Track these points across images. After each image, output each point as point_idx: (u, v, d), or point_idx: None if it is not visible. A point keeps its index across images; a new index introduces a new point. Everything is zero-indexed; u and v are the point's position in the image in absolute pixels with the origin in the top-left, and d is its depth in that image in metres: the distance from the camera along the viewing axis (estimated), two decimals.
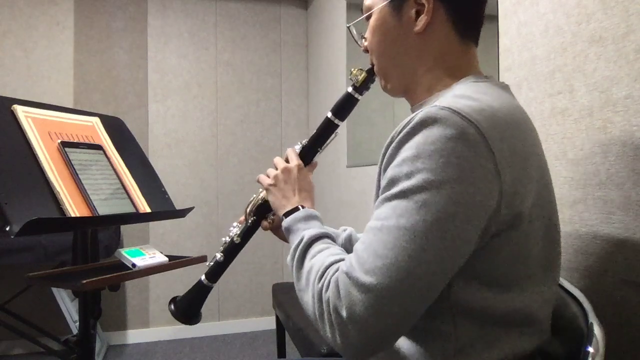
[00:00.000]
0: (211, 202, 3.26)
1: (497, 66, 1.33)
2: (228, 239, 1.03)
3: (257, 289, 3.32)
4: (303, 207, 0.87)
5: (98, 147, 1.34)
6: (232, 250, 1.02)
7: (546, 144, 1.14)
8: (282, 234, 0.99)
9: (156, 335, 3.13)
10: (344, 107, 0.94)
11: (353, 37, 0.92)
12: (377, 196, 0.69)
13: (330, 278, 0.66)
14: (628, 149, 0.90)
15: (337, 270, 0.66)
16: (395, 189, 0.62)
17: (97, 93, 3.06)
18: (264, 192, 0.97)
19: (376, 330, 0.61)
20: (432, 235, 0.59)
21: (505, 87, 0.76)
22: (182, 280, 3.18)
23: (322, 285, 0.66)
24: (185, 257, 1.35)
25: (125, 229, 3.01)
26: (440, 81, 0.77)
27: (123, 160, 1.41)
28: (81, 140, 1.31)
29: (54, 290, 2.59)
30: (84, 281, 1.02)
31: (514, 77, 1.26)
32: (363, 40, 0.86)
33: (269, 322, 3.17)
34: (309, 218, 0.83)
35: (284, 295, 2.11)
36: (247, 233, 1.01)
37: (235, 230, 1.03)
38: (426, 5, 0.74)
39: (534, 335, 0.70)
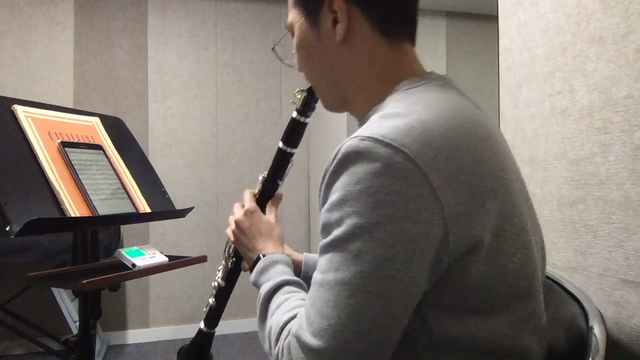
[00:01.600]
0: (211, 202, 3.26)
1: (497, 66, 1.33)
2: (215, 285, 1.02)
3: (257, 289, 3.32)
4: (264, 255, 0.83)
5: (98, 147, 1.34)
6: (222, 294, 1.01)
7: (546, 144, 1.14)
8: None
9: (156, 335, 3.13)
10: (293, 133, 0.89)
11: (279, 58, 0.89)
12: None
13: (283, 343, 0.62)
14: (628, 149, 0.90)
15: (289, 332, 0.62)
16: (329, 239, 0.58)
17: (97, 93, 3.06)
18: None
19: None
20: (372, 286, 0.54)
21: (446, 85, 0.69)
22: (182, 280, 3.18)
23: (279, 351, 0.63)
24: (185, 257, 1.35)
25: (125, 229, 3.01)
26: (373, 91, 0.70)
27: (123, 160, 1.41)
28: (81, 140, 1.31)
29: (54, 290, 2.59)
30: (84, 281, 1.02)
31: (514, 77, 1.26)
32: (290, 61, 0.83)
33: None
34: (268, 267, 0.80)
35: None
36: (229, 275, 1.00)
37: (220, 273, 1.02)
38: (339, 12, 0.68)
39: (527, 357, 0.63)
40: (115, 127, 1.49)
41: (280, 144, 0.91)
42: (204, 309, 1.04)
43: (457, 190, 0.56)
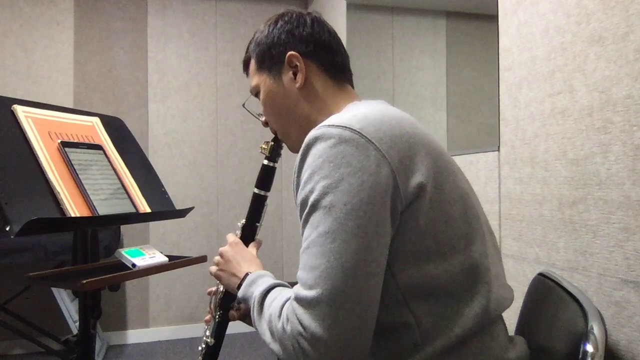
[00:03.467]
0: (211, 202, 3.26)
1: (497, 66, 1.33)
2: (203, 345, 1.03)
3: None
4: (250, 272, 0.88)
5: (98, 147, 1.34)
6: (210, 355, 1.03)
7: (546, 144, 1.14)
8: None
9: (156, 335, 3.13)
10: (266, 178, 1.05)
11: (251, 114, 1.07)
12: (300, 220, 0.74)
13: (287, 312, 0.68)
14: (628, 149, 0.90)
15: (290, 303, 0.69)
16: (307, 208, 0.69)
17: (97, 93, 3.06)
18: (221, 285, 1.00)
19: (343, 339, 0.63)
20: (348, 227, 0.65)
21: (383, 102, 0.86)
22: (182, 280, 3.18)
23: (282, 322, 0.68)
24: (185, 257, 1.35)
25: (125, 229, 3.01)
26: (328, 116, 0.84)
27: (123, 160, 1.41)
28: (81, 140, 1.31)
29: (54, 290, 2.59)
30: (84, 281, 1.02)
31: (514, 77, 1.26)
32: (261, 116, 1.02)
33: None
34: (256, 279, 0.85)
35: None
36: (218, 330, 1.02)
37: (207, 332, 1.03)
38: (299, 65, 0.89)
39: (485, 290, 0.74)
40: (115, 127, 1.49)
41: (256, 190, 1.05)
42: None
43: (397, 150, 0.70)
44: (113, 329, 3.06)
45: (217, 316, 1.02)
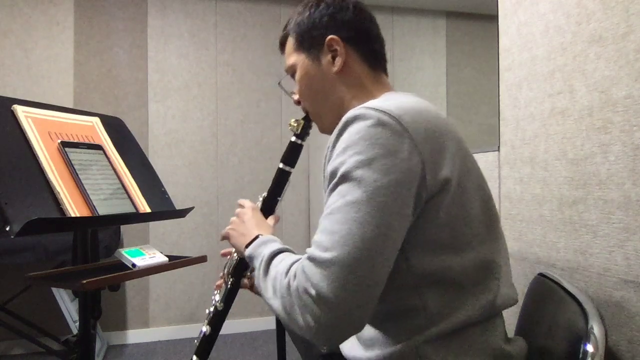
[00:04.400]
0: (211, 202, 3.26)
1: (497, 66, 1.33)
2: (212, 309, 1.04)
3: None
4: (262, 235, 0.90)
5: (98, 147, 1.34)
6: (217, 319, 1.04)
7: (546, 144, 1.14)
8: None
9: (156, 335, 3.13)
10: (292, 154, 1.06)
11: (285, 92, 1.07)
12: (325, 189, 0.77)
13: (296, 270, 0.70)
14: (628, 149, 0.90)
15: (300, 262, 0.71)
16: (336, 178, 0.72)
17: (97, 93, 3.06)
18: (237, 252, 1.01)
19: (346, 304, 0.65)
20: (375, 202, 0.67)
21: (416, 95, 0.87)
22: (182, 280, 3.18)
23: (289, 278, 0.70)
24: (185, 257, 1.35)
25: (125, 229, 3.01)
26: (363, 103, 0.87)
27: (123, 160, 1.41)
28: (81, 140, 1.31)
29: (54, 290, 2.59)
30: (84, 281, 1.02)
31: (514, 77, 1.26)
32: (294, 94, 1.02)
33: (269, 322, 3.17)
34: (267, 241, 0.86)
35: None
36: (229, 296, 1.03)
37: (216, 297, 1.05)
38: (338, 49, 0.91)
39: (493, 286, 0.78)
40: (115, 127, 1.49)
41: (280, 165, 1.06)
42: (196, 340, 1.05)
43: (429, 144, 0.73)
44: (113, 329, 3.06)
45: (229, 282, 1.04)
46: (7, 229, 0.98)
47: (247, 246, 0.89)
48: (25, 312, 2.65)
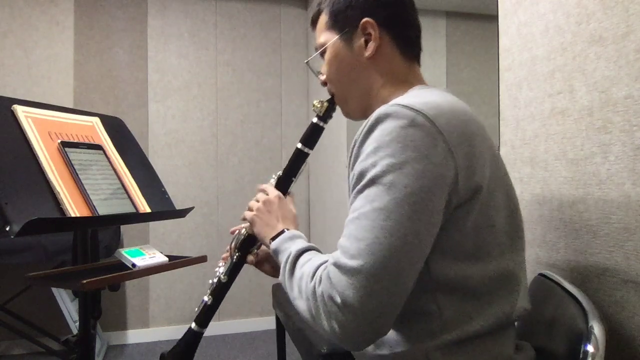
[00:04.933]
0: (211, 202, 3.26)
1: (497, 66, 1.33)
2: (215, 280, 1.04)
3: (257, 289, 3.32)
4: (288, 229, 0.90)
5: (98, 147, 1.34)
6: (220, 290, 1.04)
7: (546, 144, 1.14)
8: (267, 268, 1.06)
9: (156, 335, 3.13)
10: (312, 136, 1.01)
11: (312, 71, 1.02)
12: (350, 195, 0.75)
13: (321, 274, 0.70)
14: (628, 149, 0.90)
15: (326, 267, 0.70)
16: (364, 180, 0.69)
17: (97, 93, 3.06)
18: (247, 227, 1.01)
19: (371, 312, 0.64)
20: (404, 210, 0.65)
21: (448, 92, 0.85)
22: (182, 280, 3.18)
23: (315, 283, 0.70)
24: (185, 257, 1.35)
25: (125, 229, 3.01)
26: (393, 94, 0.86)
27: (123, 160, 1.41)
28: (81, 140, 1.31)
29: (54, 290, 2.59)
30: (84, 281, 1.02)
31: (514, 77, 1.26)
32: (321, 74, 0.97)
33: (269, 322, 3.17)
34: (294, 237, 0.86)
35: (284, 295, 2.11)
36: (233, 270, 1.03)
37: (221, 269, 1.05)
38: (373, 34, 0.86)
39: (511, 298, 0.76)
40: (115, 127, 1.49)
41: (299, 145, 1.01)
42: (197, 309, 1.06)
43: (463, 147, 0.70)
44: (113, 329, 3.06)
45: (235, 257, 1.04)
46: (7, 229, 0.98)
47: (272, 239, 0.89)
48: (25, 312, 2.65)
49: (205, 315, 1.05)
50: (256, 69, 3.36)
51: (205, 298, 1.04)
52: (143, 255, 1.23)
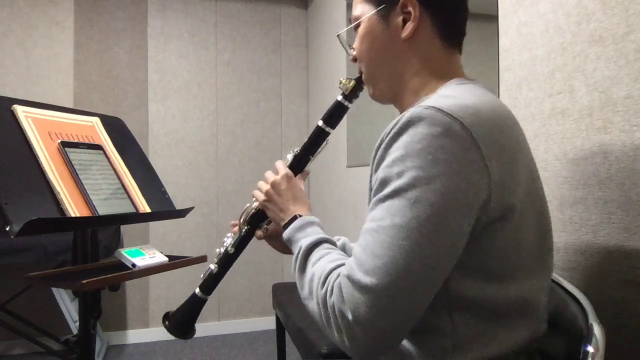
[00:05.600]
0: (211, 202, 3.26)
1: (497, 66, 1.33)
2: (222, 250, 1.04)
3: (257, 289, 3.32)
4: (300, 215, 0.87)
5: (98, 147, 1.34)
6: (226, 261, 1.03)
7: (546, 144, 1.14)
8: (276, 244, 1.03)
9: (156, 335, 3.13)
10: (335, 115, 0.95)
11: (342, 45, 0.96)
12: (370, 197, 0.70)
13: (333, 283, 0.67)
14: (628, 149, 0.90)
15: (338, 275, 0.67)
16: (387, 190, 0.64)
17: (97, 93, 3.06)
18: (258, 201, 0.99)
19: (382, 330, 0.62)
20: (427, 230, 0.60)
21: (487, 88, 0.78)
22: (182, 280, 3.18)
23: (326, 292, 0.67)
24: (185, 257, 1.35)
25: (125, 229, 3.01)
26: (426, 84, 0.80)
27: (123, 160, 1.41)
28: (81, 140, 1.31)
29: (54, 290, 2.59)
30: (84, 281, 1.02)
31: (514, 77, 1.26)
32: (352, 50, 0.89)
33: (269, 322, 3.17)
34: (305, 226, 0.84)
35: (284, 295, 2.11)
36: (241, 243, 1.02)
37: (229, 240, 1.03)
38: (412, 13, 0.77)
39: (531, 324, 0.71)
40: (115, 127, 1.49)
41: (320, 123, 0.96)
42: (202, 275, 1.06)
43: (500, 163, 0.64)
44: (113, 329, 3.06)
45: (243, 230, 1.01)
46: (7, 229, 0.98)
47: (284, 226, 0.87)
48: (25, 312, 2.65)
49: (210, 283, 1.04)
50: (256, 69, 3.36)
51: (212, 266, 1.03)
52: (143, 255, 1.23)
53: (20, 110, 1.18)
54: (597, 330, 0.72)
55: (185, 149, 3.22)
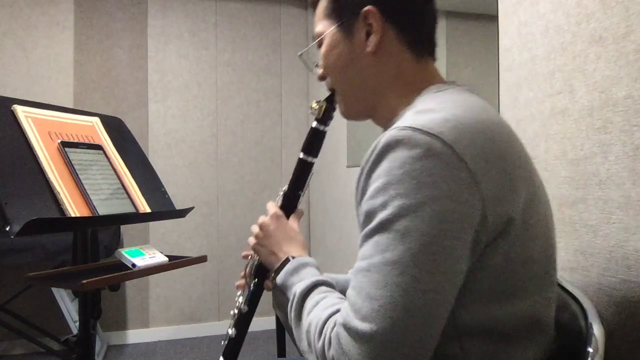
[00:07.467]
0: (211, 202, 3.26)
1: (497, 66, 1.33)
2: (236, 311, 0.96)
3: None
4: (293, 257, 0.82)
5: (98, 147, 1.34)
6: (242, 321, 0.95)
7: (546, 144, 1.14)
8: None
9: (156, 335, 3.13)
10: (314, 142, 0.90)
11: (305, 65, 0.92)
12: (360, 229, 0.66)
13: (330, 334, 0.62)
14: (628, 149, 0.90)
15: (335, 324, 0.62)
16: (373, 223, 0.59)
17: (97, 93, 3.06)
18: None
19: None
20: (422, 262, 0.56)
21: (470, 90, 0.74)
22: (182, 280, 3.18)
23: (323, 344, 0.62)
24: (185, 257, 1.36)
25: (125, 229, 3.01)
26: (402, 99, 0.75)
27: (123, 160, 1.41)
28: (81, 140, 1.31)
29: (54, 290, 2.59)
30: (84, 281, 1.02)
31: (514, 77, 1.26)
32: (317, 68, 0.85)
33: (269, 322, 3.17)
34: (299, 268, 0.79)
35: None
36: (252, 298, 0.94)
37: (240, 299, 0.96)
38: (374, 26, 0.73)
39: (542, 341, 0.68)
40: (115, 127, 1.49)
41: (301, 155, 0.91)
42: (222, 342, 0.97)
43: (492, 175, 0.59)
44: (113, 329, 3.06)
45: (251, 284, 0.93)
46: (7, 229, 0.98)
47: (276, 271, 0.81)
48: (25, 312, 2.65)
49: (232, 348, 0.96)
50: (256, 69, 3.36)
51: (230, 331, 0.95)
52: (143, 255, 1.23)
53: (20, 110, 1.18)
54: (597, 330, 0.72)
55: (185, 149, 3.22)
